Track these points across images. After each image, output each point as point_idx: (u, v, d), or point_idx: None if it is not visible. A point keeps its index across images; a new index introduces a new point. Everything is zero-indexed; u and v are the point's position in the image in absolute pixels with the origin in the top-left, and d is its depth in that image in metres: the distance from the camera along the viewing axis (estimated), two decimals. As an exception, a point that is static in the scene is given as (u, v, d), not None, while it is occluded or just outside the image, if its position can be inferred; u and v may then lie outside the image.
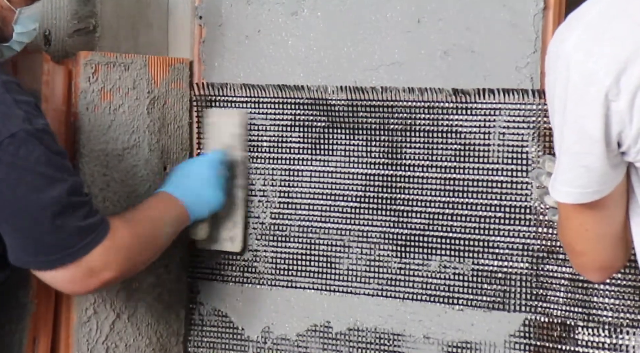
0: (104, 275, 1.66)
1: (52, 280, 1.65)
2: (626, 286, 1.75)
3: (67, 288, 1.68)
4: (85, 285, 1.65)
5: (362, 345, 1.98)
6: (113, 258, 1.66)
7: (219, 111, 2.08)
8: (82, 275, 1.63)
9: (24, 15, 1.69)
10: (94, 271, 1.64)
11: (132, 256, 1.72)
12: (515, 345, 1.85)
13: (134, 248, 1.72)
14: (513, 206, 1.85)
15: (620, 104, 1.21)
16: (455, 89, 1.88)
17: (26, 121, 1.56)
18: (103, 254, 1.64)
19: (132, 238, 1.71)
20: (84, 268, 1.63)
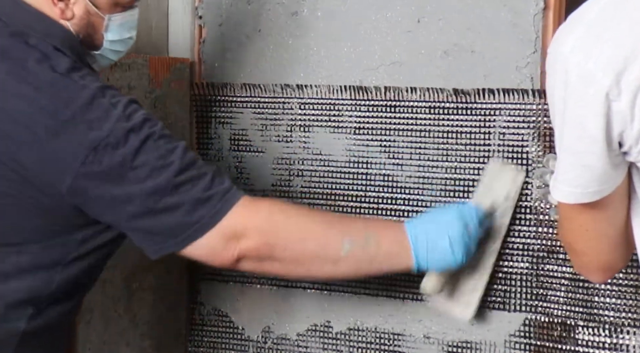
0: (244, 242, 1.57)
1: (193, 254, 1.59)
2: (627, 286, 1.75)
3: (211, 260, 1.60)
4: (226, 253, 1.57)
5: (362, 344, 1.98)
6: (252, 224, 1.57)
7: (503, 163, 1.84)
8: (221, 242, 1.56)
9: (115, 22, 1.66)
10: (231, 236, 1.56)
11: (279, 230, 1.60)
12: (516, 345, 1.85)
13: (281, 222, 1.60)
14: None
15: (622, 104, 1.21)
16: (455, 89, 1.88)
17: (122, 119, 1.53)
18: (238, 218, 1.56)
19: (279, 212, 1.60)
20: (220, 234, 1.56)
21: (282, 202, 1.67)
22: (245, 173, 2.09)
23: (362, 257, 1.63)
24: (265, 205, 1.61)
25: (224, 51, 2.11)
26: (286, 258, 1.61)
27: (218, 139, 2.11)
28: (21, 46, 1.57)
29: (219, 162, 2.11)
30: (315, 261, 1.63)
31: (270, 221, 1.60)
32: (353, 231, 1.63)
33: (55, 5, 1.60)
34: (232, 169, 2.10)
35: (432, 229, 1.66)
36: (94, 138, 1.51)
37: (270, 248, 1.60)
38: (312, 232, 1.63)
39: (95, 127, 1.51)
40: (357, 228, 1.64)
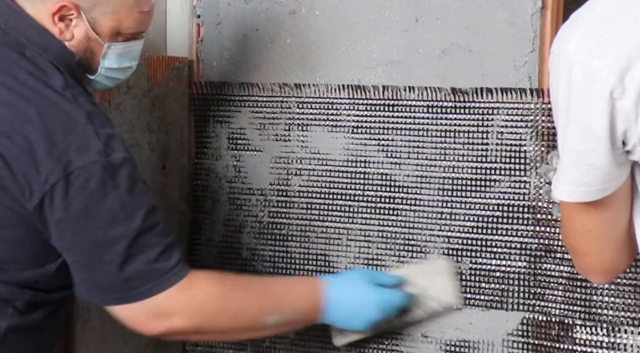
0: (175, 321, 1.59)
1: (120, 315, 1.60)
2: (625, 285, 1.75)
3: (136, 326, 1.61)
4: (154, 326, 1.59)
5: (360, 344, 1.98)
6: (185, 305, 1.59)
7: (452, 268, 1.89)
8: (151, 315, 1.58)
9: (114, 51, 1.65)
10: (163, 314, 1.58)
11: (211, 313, 1.63)
12: (514, 344, 1.85)
13: (214, 306, 1.63)
14: (511, 205, 1.85)
15: (626, 102, 1.21)
16: (453, 88, 1.88)
17: (102, 153, 1.51)
18: (174, 297, 1.58)
19: (215, 295, 1.63)
20: (152, 308, 1.57)
21: (220, 279, 1.67)
22: (244, 171, 2.09)
23: (281, 326, 1.74)
24: (203, 291, 1.62)
25: (222, 50, 2.11)
26: (213, 334, 1.72)
27: (216, 138, 2.12)
28: (16, 56, 1.57)
29: (217, 161, 2.11)
30: (239, 334, 1.73)
31: (203, 309, 1.63)
32: (278, 307, 1.71)
33: (55, 25, 1.59)
34: (230, 168, 2.10)
35: (350, 308, 1.77)
36: (69, 165, 1.50)
37: (199, 329, 1.64)
38: (243, 314, 1.68)
39: (73, 155, 1.50)
40: (282, 303, 1.72)
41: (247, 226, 2.09)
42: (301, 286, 1.78)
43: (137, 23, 1.65)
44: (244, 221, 2.09)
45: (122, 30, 1.64)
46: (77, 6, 1.59)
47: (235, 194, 2.10)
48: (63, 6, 1.58)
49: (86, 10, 1.60)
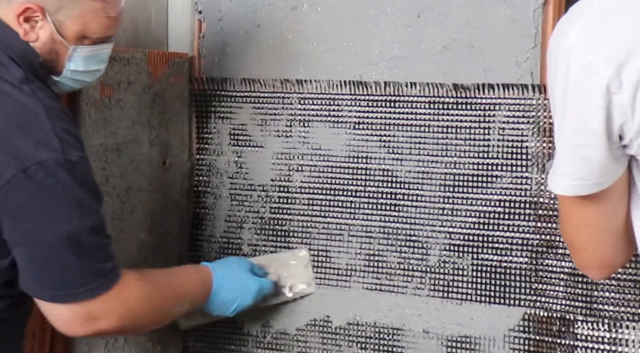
0: (101, 324, 1.60)
1: (49, 312, 1.60)
2: (626, 280, 1.75)
3: (61, 327, 1.62)
4: (81, 328, 1.60)
5: (361, 339, 1.99)
6: (115, 310, 1.61)
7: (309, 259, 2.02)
8: (80, 318, 1.58)
9: (80, 54, 1.63)
10: (92, 317, 1.59)
11: (136, 316, 1.66)
12: (515, 340, 1.86)
13: (140, 309, 1.66)
14: (513, 201, 1.85)
15: (623, 96, 1.21)
16: (455, 84, 1.88)
17: (59, 150, 1.51)
18: (106, 303, 1.59)
19: (142, 299, 1.66)
20: (83, 311, 1.58)
21: (146, 285, 1.68)
22: (245, 167, 2.09)
23: (182, 313, 1.82)
24: (132, 295, 1.64)
25: (224, 46, 2.11)
26: (133, 331, 1.83)
27: (217, 134, 2.11)
28: None
29: (218, 157, 2.11)
30: (154, 326, 1.78)
31: (131, 312, 1.65)
32: (183, 297, 1.79)
33: (20, 25, 1.58)
34: (231, 164, 2.10)
35: (231, 295, 1.87)
36: (25, 160, 1.50)
37: (122, 330, 1.68)
38: (158, 309, 1.73)
39: (30, 150, 1.50)
40: (185, 292, 1.80)
41: (249, 222, 2.09)
42: (196, 274, 1.86)
43: (103, 28, 1.64)
44: (246, 217, 2.09)
45: (88, 34, 1.63)
46: (42, 9, 1.58)
47: (236, 190, 2.10)
48: (28, 8, 1.57)
49: (51, 12, 1.59)
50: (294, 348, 2.05)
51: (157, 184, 2.06)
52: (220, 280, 1.86)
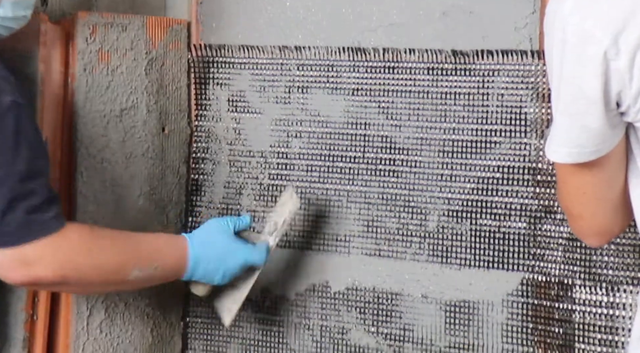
0: (37, 270, 1.58)
1: None
2: (625, 245, 1.76)
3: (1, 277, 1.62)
4: (18, 274, 1.58)
5: (360, 304, 2.00)
6: (51, 257, 1.59)
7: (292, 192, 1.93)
8: (15, 263, 1.57)
9: (8, 0, 1.63)
10: (27, 262, 1.57)
11: (77, 268, 1.63)
12: (513, 304, 1.87)
13: (81, 261, 1.63)
14: (511, 166, 1.86)
15: (620, 63, 1.22)
16: (454, 50, 1.88)
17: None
18: (42, 248, 1.58)
19: (84, 251, 1.64)
20: (18, 255, 1.57)
21: (91, 235, 1.66)
22: (244, 134, 2.09)
23: (144, 280, 1.76)
24: (72, 243, 1.62)
25: (222, 12, 2.10)
26: (78, 285, 1.69)
27: (216, 100, 2.11)
28: None
29: (217, 123, 2.11)
30: (103, 287, 1.76)
31: (70, 261, 1.62)
32: (143, 260, 1.73)
33: None
34: (230, 131, 2.10)
35: (213, 262, 1.81)
36: None
37: (63, 280, 1.63)
38: (108, 265, 1.68)
39: None
40: (147, 256, 1.74)
41: (247, 188, 2.09)
42: (167, 244, 1.80)
43: None
44: (244, 184, 2.09)
45: None
46: None
47: (235, 156, 2.10)
48: None
49: None
50: (293, 314, 2.06)
51: (156, 151, 2.06)
52: (197, 250, 1.80)
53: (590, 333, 1.79)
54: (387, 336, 1.98)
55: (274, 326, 2.08)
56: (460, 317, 1.91)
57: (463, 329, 1.91)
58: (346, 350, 2.01)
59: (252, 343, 2.10)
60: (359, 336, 2.00)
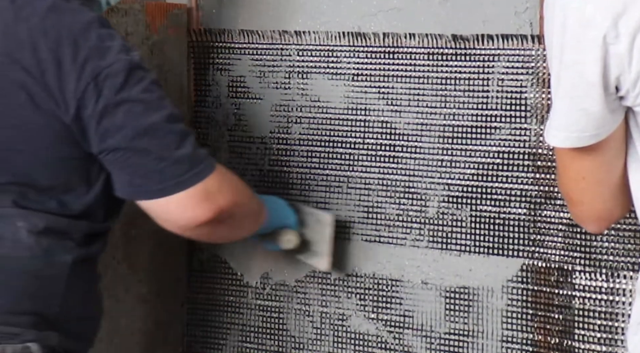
0: (219, 200, 1.59)
1: (166, 211, 1.59)
2: (625, 230, 1.75)
3: (184, 218, 1.60)
4: (204, 209, 1.58)
5: (360, 290, 2.00)
6: (226, 186, 1.62)
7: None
8: (200, 199, 1.57)
9: None
10: (210, 194, 1.58)
11: (242, 193, 1.69)
12: (513, 290, 1.86)
13: (242, 187, 1.71)
14: (511, 152, 1.85)
15: (620, 47, 1.21)
16: (454, 35, 1.87)
17: (123, 51, 1.54)
18: (217, 178, 1.60)
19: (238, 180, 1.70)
20: (201, 189, 1.57)
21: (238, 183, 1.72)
22: (244, 119, 2.09)
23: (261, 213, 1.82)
24: (229, 172, 1.68)
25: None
26: (241, 221, 1.74)
27: (216, 85, 2.11)
28: None
29: (217, 109, 2.11)
30: (254, 219, 1.80)
31: (238, 187, 1.68)
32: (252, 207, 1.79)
33: None
34: (230, 117, 2.10)
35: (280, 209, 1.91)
36: (95, 68, 1.52)
37: (237, 208, 1.66)
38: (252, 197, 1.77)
39: (96, 58, 1.52)
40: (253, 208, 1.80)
41: (248, 174, 2.09)
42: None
43: None
44: (244, 169, 2.09)
45: None
46: None
47: (235, 142, 2.10)
48: None
49: None
50: (293, 300, 2.06)
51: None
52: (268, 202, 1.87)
53: (590, 320, 1.78)
54: (387, 322, 1.97)
55: (273, 313, 2.08)
56: (460, 303, 1.91)
57: (463, 315, 1.91)
58: (346, 337, 2.01)
59: (252, 330, 2.10)
60: (358, 322, 2.00)
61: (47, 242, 1.58)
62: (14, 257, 1.57)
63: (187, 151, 1.57)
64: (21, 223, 1.57)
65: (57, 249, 1.59)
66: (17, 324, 1.55)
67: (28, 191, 1.58)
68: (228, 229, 1.71)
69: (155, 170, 1.56)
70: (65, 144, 1.57)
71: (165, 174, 1.56)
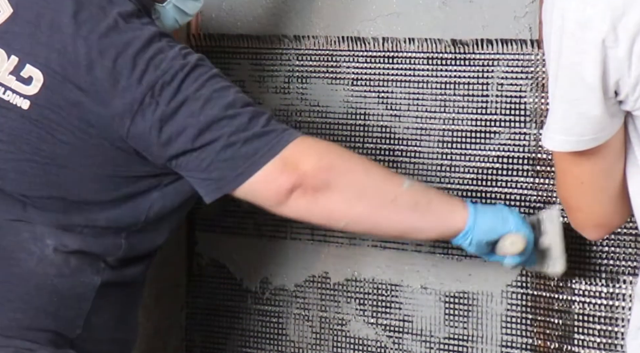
0: (303, 164, 1.52)
1: (251, 192, 1.55)
2: (625, 234, 1.75)
3: (267, 194, 1.55)
4: (286, 178, 1.52)
5: (359, 295, 2.00)
6: (313, 151, 1.55)
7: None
8: (275, 172, 1.52)
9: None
10: (288, 163, 1.52)
11: (340, 156, 1.58)
12: (512, 295, 1.86)
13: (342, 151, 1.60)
14: (511, 157, 1.85)
15: (619, 51, 1.21)
16: (453, 40, 1.87)
17: (178, 58, 1.54)
18: (297, 148, 1.53)
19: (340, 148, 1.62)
20: (275, 164, 1.52)
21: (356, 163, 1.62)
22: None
23: (420, 199, 1.61)
24: (326, 142, 1.63)
25: (221, 2, 2.09)
26: (346, 187, 1.56)
27: (215, 90, 2.11)
28: None
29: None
30: (376, 195, 1.59)
31: (332, 149, 1.60)
32: (417, 185, 1.65)
33: None
34: (229, 121, 2.10)
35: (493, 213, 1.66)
36: (151, 79, 1.51)
37: (330, 171, 1.55)
38: (374, 166, 1.63)
39: (151, 68, 1.52)
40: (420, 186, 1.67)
41: (247, 179, 2.08)
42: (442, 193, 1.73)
43: None
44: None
45: None
46: None
47: (234, 147, 2.10)
48: None
49: None
50: (293, 305, 2.06)
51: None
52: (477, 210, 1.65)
53: (589, 324, 1.78)
54: (387, 327, 1.97)
55: (273, 317, 2.08)
56: (459, 308, 1.91)
57: (462, 320, 1.91)
58: (345, 341, 2.01)
59: (251, 335, 2.10)
60: (358, 327, 2.00)
61: (75, 262, 1.58)
62: (39, 273, 1.56)
63: (256, 129, 1.53)
64: (50, 241, 1.57)
65: (86, 270, 1.59)
66: (34, 340, 1.55)
67: (65, 209, 1.58)
68: (341, 199, 1.56)
69: (228, 158, 1.53)
70: (112, 164, 1.57)
71: (237, 159, 1.53)
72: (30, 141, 1.55)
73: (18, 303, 1.56)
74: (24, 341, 1.54)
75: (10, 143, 1.56)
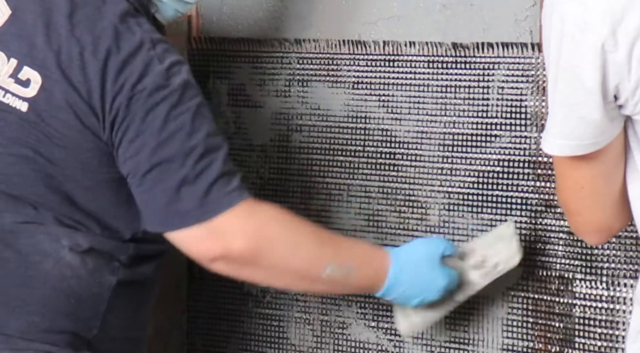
0: (227, 240, 1.53)
1: (176, 243, 1.58)
2: (626, 238, 1.75)
3: (189, 253, 1.58)
4: (205, 245, 1.54)
5: (360, 299, 1.99)
6: (243, 226, 1.54)
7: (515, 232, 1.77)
8: (201, 236, 1.53)
9: None
10: (215, 233, 1.53)
11: (270, 241, 1.57)
12: (514, 298, 1.86)
13: (275, 235, 1.57)
14: (512, 160, 1.85)
15: (618, 55, 1.21)
16: (454, 43, 1.87)
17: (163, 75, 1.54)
18: (230, 219, 1.53)
19: (278, 225, 1.58)
20: (208, 230, 1.53)
21: (282, 211, 1.63)
22: (244, 128, 2.09)
23: (338, 282, 1.65)
24: (265, 213, 1.59)
25: (222, 5, 2.09)
26: (270, 267, 1.60)
27: (216, 93, 2.11)
28: None
29: (217, 117, 2.10)
30: (295, 277, 1.63)
31: (265, 228, 1.58)
32: (340, 257, 1.63)
33: None
34: (230, 124, 2.10)
35: (413, 287, 1.68)
36: (130, 89, 1.51)
37: (257, 254, 1.57)
38: (303, 248, 1.61)
39: (134, 79, 1.52)
40: (345, 255, 1.65)
41: (248, 182, 2.08)
42: (368, 251, 1.71)
43: None
44: (245, 177, 2.06)
45: None
46: None
47: (235, 150, 2.10)
48: None
49: None
50: (294, 308, 2.06)
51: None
52: (398, 270, 1.67)
53: (590, 328, 1.78)
54: (388, 331, 1.97)
55: (274, 321, 2.08)
56: (460, 311, 1.90)
57: (463, 324, 1.90)
58: (346, 345, 2.01)
59: (252, 338, 2.10)
60: (359, 331, 2.00)
61: (92, 262, 1.58)
62: (55, 275, 1.56)
63: (200, 185, 1.53)
64: (66, 242, 1.57)
65: (102, 270, 1.59)
66: (54, 342, 1.55)
67: (72, 211, 1.58)
68: (263, 275, 1.62)
69: (162, 205, 1.54)
70: (108, 166, 1.57)
71: (168, 210, 1.54)
72: (29, 144, 1.55)
73: (36, 306, 1.56)
74: (44, 344, 1.54)
75: (11, 147, 1.56)
